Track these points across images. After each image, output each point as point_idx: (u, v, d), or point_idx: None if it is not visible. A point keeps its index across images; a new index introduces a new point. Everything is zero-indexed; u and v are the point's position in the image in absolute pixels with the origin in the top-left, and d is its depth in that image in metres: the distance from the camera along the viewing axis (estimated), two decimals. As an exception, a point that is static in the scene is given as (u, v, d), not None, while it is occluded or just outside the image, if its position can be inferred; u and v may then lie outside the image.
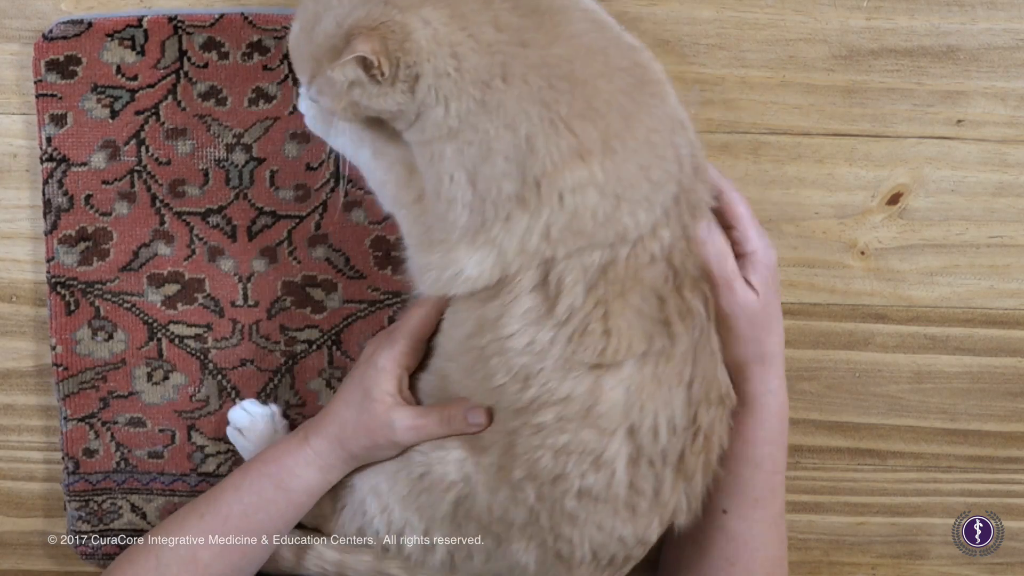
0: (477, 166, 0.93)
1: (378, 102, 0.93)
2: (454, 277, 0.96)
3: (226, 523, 1.06)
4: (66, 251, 1.14)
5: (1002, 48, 1.12)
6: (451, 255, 0.96)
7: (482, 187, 0.93)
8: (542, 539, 1.00)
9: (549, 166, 0.92)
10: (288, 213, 1.14)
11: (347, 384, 1.07)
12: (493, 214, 0.93)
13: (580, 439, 0.96)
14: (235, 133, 1.13)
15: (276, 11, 1.10)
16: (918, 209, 1.16)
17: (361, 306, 1.16)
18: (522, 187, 0.92)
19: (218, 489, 1.09)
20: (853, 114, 1.13)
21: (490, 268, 0.95)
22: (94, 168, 1.13)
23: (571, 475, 0.97)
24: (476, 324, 0.98)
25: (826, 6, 1.11)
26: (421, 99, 0.92)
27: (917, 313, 1.19)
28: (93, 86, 1.11)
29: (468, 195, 0.94)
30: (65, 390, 1.17)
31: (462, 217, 0.94)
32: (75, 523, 1.21)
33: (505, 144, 0.92)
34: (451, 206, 0.94)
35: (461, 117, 0.92)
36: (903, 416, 1.22)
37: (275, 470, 1.06)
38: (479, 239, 0.94)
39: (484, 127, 0.92)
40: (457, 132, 0.92)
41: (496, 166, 0.92)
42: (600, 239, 0.94)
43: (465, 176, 0.93)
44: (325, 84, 0.94)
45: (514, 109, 0.91)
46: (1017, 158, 1.15)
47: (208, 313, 1.16)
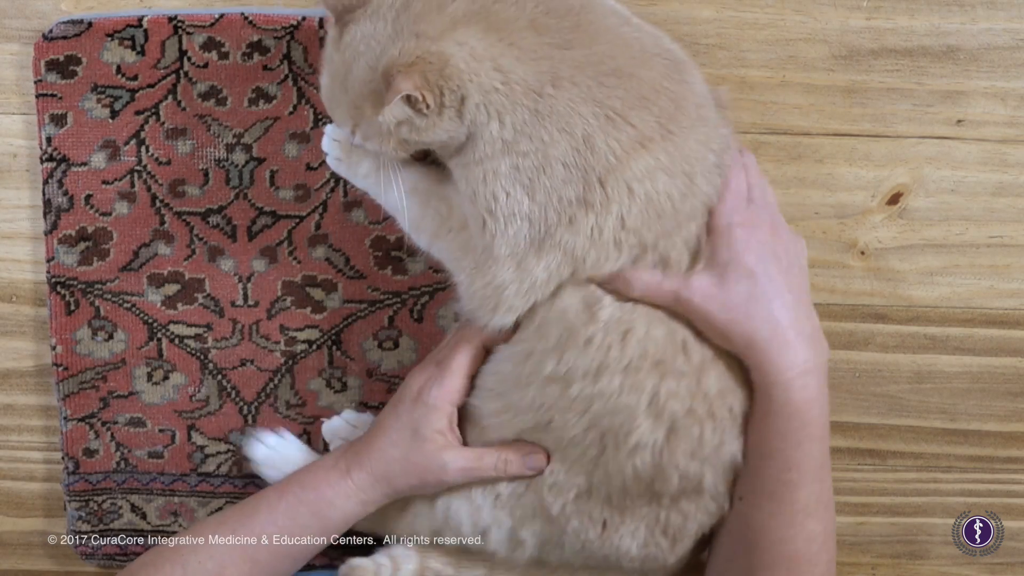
0: (535, 177, 0.92)
1: (427, 135, 0.92)
2: (532, 286, 0.95)
3: (258, 543, 1.04)
4: (66, 251, 1.14)
5: (1002, 48, 1.12)
6: (523, 266, 0.95)
7: (541, 198, 0.93)
8: (655, 518, 1.00)
9: (613, 161, 0.92)
10: (288, 213, 1.14)
11: (391, 420, 1.04)
12: (556, 220, 0.93)
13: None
14: (235, 133, 1.13)
15: (276, 11, 1.10)
16: (918, 209, 1.16)
17: (361, 306, 1.16)
18: (584, 190, 0.92)
19: (251, 506, 1.06)
20: (853, 114, 1.13)
21: (556, 267, 0.95)
22: (94, 168, 1.13)
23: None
24: (557, 341, 0.96)
25: (826, 6, 1.11)
26: (471, 120, 0.92)
27: (917, 313, 1.19)
28: (93, 86, 1.11)
29: (525, 207, 0.93)
30: (65, 390, 1.17)
31: (522, 230, 0.94)
32: (75, 523, 1.21)
33: (562, 149, 0.92)
34: (509, 222, 0.94)
35: (516, 128, 0.92)
36: (903, 416, 1.22)
37: (313, 498, 1.04)
38: (545, 246, 0.94)
39: (539, 135, 0.92)
40: (512, 145, 0.92)
41: (555, 174, 0.92)
42: (687, 212, 0.95)
43: (521, 190, 0.93)
44: (371, 129, 0.94)
45: (568, 112, 0.91)
46: (1017, 158, 1.15)
47: (208, 313, 1.16)
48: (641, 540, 1.01)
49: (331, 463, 1.06)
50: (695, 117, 0.95)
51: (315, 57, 1.10)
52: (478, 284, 0.97)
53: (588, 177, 0.92)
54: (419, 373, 1.05)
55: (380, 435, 1.04)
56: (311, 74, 1.11)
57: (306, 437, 1.19)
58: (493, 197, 0.94)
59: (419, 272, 1.15)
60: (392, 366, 1.17)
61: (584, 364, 0.95)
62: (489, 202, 0.94)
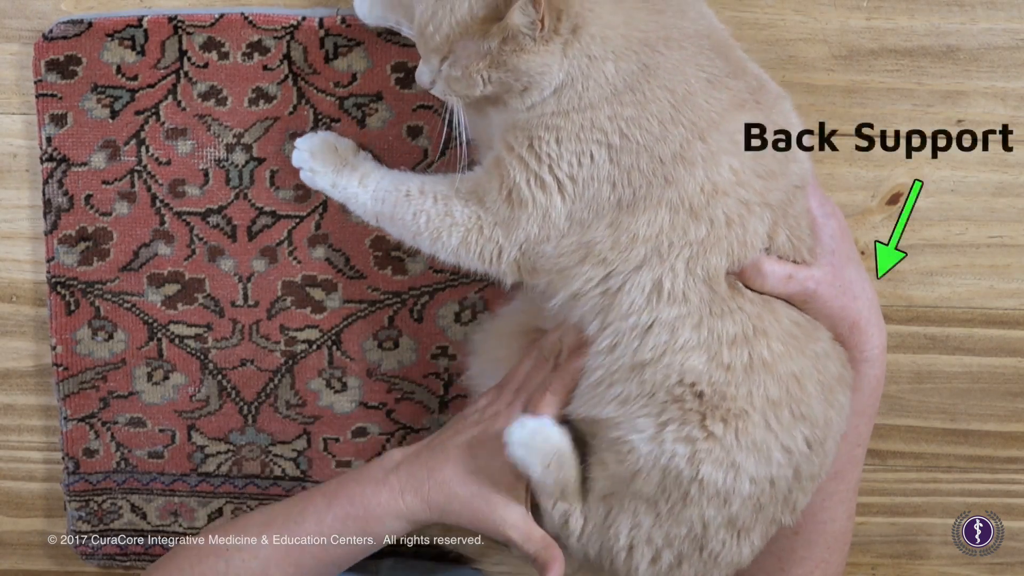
0: (629, 132, 0.93)
1: (528, 60, 0.92)
2: (631, 241, 0.95)
3: (304, 551, 1.03)
4: (66, 251, 1.14)
5: (1002, 48, 1.12)
6: (622, 221, 0.95)
7: (627, 160, 0.94)
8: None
9: (714, 117, 0.94)
10: (288, 213, 1.14)
11: (464, 456, 1.01)
12: (646, 181, 0.94)
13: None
14: (235, 133, 1.13)
15: (276, 11, 1.10)
16: (918, 209, 1.16)
17: (361, 306, 1.16)
18: (682, 147, 0.93)
19: (298, 510, 1.04)
20: (853, 114, 1.13)
21: (668, 225, 0.94)
22: (94, 168, 1.13)
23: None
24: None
25: (826, 6, 1.11)
26: (575, 59, 0.93)
27: (917, 313, 1.19)
28: (93, 86, 1.11)
29: (605, 170, 0.94)
30: (65, 390, 1.17)
31: (603, 193, 0.95)
32: (75, 523, 1.21)
33: (662, 106, 0.93)
34: (588, 185, 0.95)
35: (624, 77, 0.93)
36: (903, 416, 1.22)
37: (362, 515, 1.02)
38: (639, 207, 0.94)
39: (642, 89, 0.93)
40: (618, 94, 0.93)
41: (651, 130, 0.93)
42: (791, 176, 0.98)
43: (605, 152, 0.94)
44: (467, 51, 0.94)
45: (673, 71, 0.94)
46: (1017, 158, 1.15)
47: (208, 313, 1.16)
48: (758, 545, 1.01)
49: (380, 478, 1.02)
50: (776, 94, 0.99)
51: (315, 57, 1.10)
52: (563, 246, 0.97)
53: (687, 134, 0.93)
54: (504, 418, 1.01)
55: (447, 467, 1.01)
56: (311, 74, 1.11)
57: (306, 437, 1.19)
58: (576, 158, 0.95)
59: (419, 272, 1.15)
60: (392, 366, 1.17)
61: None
62: (569, 168, 0.95)
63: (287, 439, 1.19)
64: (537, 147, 0.96)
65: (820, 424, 0.97)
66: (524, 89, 0.94)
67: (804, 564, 1.07)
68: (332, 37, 1.10)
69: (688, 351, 0.95)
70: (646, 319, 0.95)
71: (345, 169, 1.04)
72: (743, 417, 0.95)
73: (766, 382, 0.95)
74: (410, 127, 1.12)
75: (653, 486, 0.96)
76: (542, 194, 0.96)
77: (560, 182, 0.95)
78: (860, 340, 1.02)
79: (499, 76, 0.94)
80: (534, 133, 0.96)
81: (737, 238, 0.95)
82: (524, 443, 0.97)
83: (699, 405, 0.95)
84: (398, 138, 1.12)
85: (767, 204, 0.96)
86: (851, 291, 1.01)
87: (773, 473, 0.96)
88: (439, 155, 1.12)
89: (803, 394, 0.96)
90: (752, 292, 0.97)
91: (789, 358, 0.96)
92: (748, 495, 0.96)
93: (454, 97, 0.97)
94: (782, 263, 0.97)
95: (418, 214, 1.01)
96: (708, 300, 0.95)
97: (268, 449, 1.19)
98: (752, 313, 0.96)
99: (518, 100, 0.95)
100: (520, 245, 0.98)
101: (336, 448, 1.19)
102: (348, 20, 1.09)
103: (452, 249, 1.01)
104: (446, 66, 0.95)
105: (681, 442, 0.95)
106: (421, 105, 1.11)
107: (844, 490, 1.06)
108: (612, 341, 0.96)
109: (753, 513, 0.97)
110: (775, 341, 0.96)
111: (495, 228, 0.99)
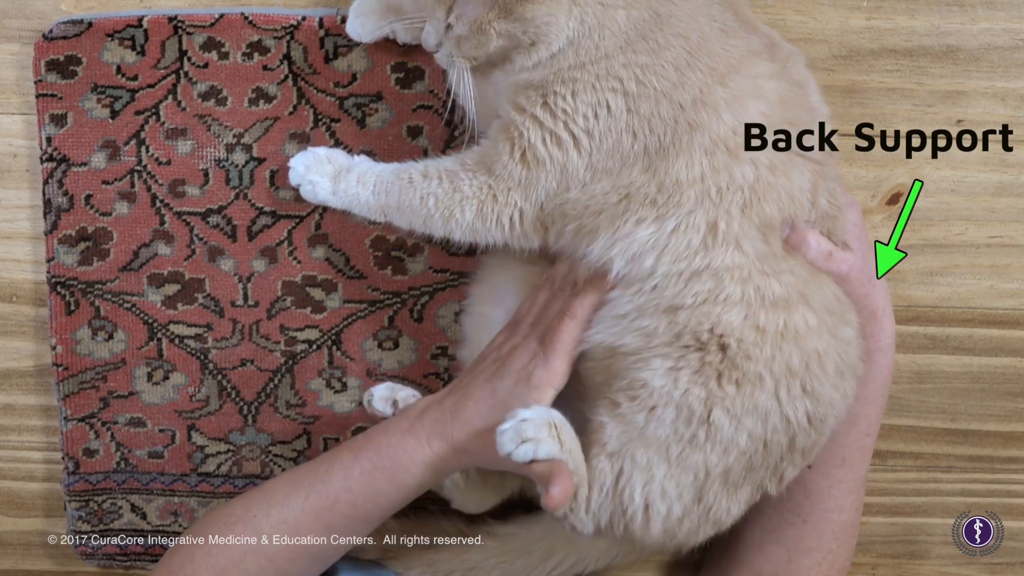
0: (646, 80, 0.93)
1: (531, 8, 0.92)
2: (676, 184, 0.94)
3: (333, 509, 1.02)
4: (66, 251, 1.14)
5: (1002, 48, 1.12)
6: (657, 166, 0.94)
7: (645, 107, 0.94)
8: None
9: (733, 62, 0.94)
10: (288, 213, 1.14)
11: (484, 392, 1.00)
12: (668, 130, 0.94)
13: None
14: (235, 133, 1.13)
15: (276, 11, 1.10)
16: (918, 209, 1.16)
17: (361, 306, 1.16)
18: (701, 91, 0.93)
19: (324, 468, 1.03)
20: (853, 114, 1.13)
21: (709, 167, 0.94)
22: (94, 168, 1.13)
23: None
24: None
25: (826, 6, 1.11)
26: (586, 5, 0.93)
27: (917, 313, 1.19)
28: (93, 86, 1.11)
29: (623, 120, 0.94)
30: (65, 390, 1.17)
31: (623, 142, 0.95)
32: (75, 523, 1.21)
33: (677, 53, 0.93)
34: (606, 137, 0.95)
35: (636, 26, 0.93)
36: (903, 416, 1.22)
37: (389, 465, 1.01)
38: (670, 152, 0.94)
39: (655, 37, 0.93)
40: (631, 43, 0.93)
41: (668, 76, 0.93)
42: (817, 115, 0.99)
43: (622, 100, 0.94)
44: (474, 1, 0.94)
45: (686, 19, 0.94)
46: (1017, 158, 1.15)
47: (208, 313, 1.16)
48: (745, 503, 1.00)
49: (406, 427, 1.02)
50: (789, 50, 1.00)
51: (315, 57, 1.10)
52: (595, 190, 0.96)
53: (706, 79, 0.93)
54: (522, 349, 1.01)
55: (468, 405, 1.00)
56: (311, 74, 1.11)
57: (306, 437, 1.19)
58: (592, 111, 0.94)
59: (419, 272, 1.15)
60: (392, 366, 1.17)
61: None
62: (587, 115, 0.95)
63: (287, 439, 1.19)
64: (552, 103, 0.95)
65: (824, 403, 0.97)
66: (532, 43, 0.94)
67: (812, 555, 1.07)
68: (332, 37, 1.10)
69: (729, 305, 0.94)
70: (699, 263, 0.95)
71: (341, 174, 1.05)
72: (757, 383, 0.94)
73: (792, 352, 0.95)
74: (410, 127, 1.12)
75: (667, 426, 0.95)
76: (558, 151, 0.96)
77: (576, 137, 0.95)
78: (876, 329, 1.03)
79: (507, 27, 0.94)
80: (549, 89, 0.96)
81: (784, 189, 0.95)
82: (516, 429, 0.95)
83: (719, 360, 0.94)
84: (398, 138, 1.12)
85: (804, 157, 0.96)
86: (872, 279, 1.03)
87: (768, 436, 0.96)
88: (445, 146, 1.12)
89: (821, 372, 0.96)
90: (802, 259, 0.97)
91: (818, 335, 0.96)
92: (743, 450, 0.95)
93: (461, 60, 0.97)
94: (826, 240, 0.98)
95: (425, 197, 1.01)
96: (762, 255, 0.95)
97: (268, 449, 1.19)
98: (801, 276, 0.96)
99: (525, 56, 0.95)
100: (541, 203, 0.98)
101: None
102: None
103: (467, 224, 1.00)
104: (453, 18, 0.95)
105: (696, 385, 0.94)
106: (421, 105, 1.11)
107: (852, 479, 1.06)
108: (656, 283, 0.96)
109: (744, 472, 0.97)
110: (812, 313, 0.96)
111: (509, 193, 0.99)
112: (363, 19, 1.06)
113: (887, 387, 1.07)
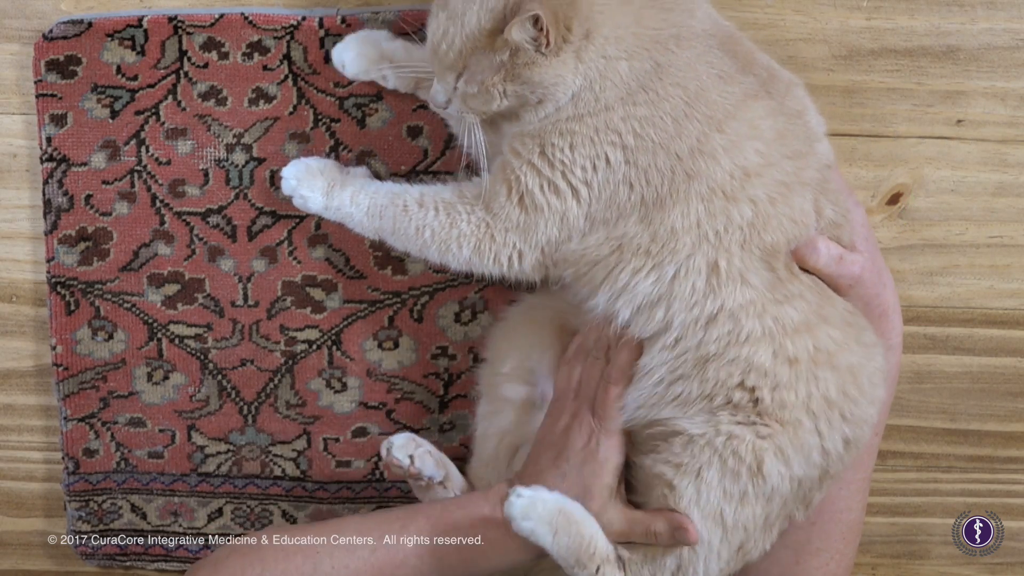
0: (643, 132, 0.94)
1: (539, 72, 0.93)
2: (671, 232, 0.95)
3: (404, 564, 1.02)
4: (66, 251, 1.14)
5: (1002, 48, 1.12)
6: (653, 216, 0.95)
7: (643, 159, 0.94)
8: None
9: (729, 108, 0.95)
10: (288, 213, 1.14)
11: (554, 477, 1.00)
12: (665, 181, 0.94)
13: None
14: (235, 133, 1.13)
15: (276, 11, 1.10)
16: (918, 209, 1.16)
17: (361, 306, 1.16)
18: (699, 141, 0.94)
19: (398, 527, 1.02)
20: (853, 114, 1.13)
21: (704, 215, 0.95)
22: (94, 168, 1.13)
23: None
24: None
25: (826, 6, 1.11)
26: (590, 63, 0.93)
27: (917, 313, 1.19)
28: (93, 86, 1.11)
29: (621, 172, 0.95)
30: (65, 390, 1.17)
31: (620, 194, 0.95)
32: (75, 523, 1.21)
33: (674, 104, 0.94)
34: (604, 188, 0.96)
35: (638, 77, 0.94)
36: (903, 416, 1.22)
37: (466, 545, 1.01)
38: (666, 204, 0.95)
39: (654, 88, 0.94)
40: (632, 94, 0.94)
41: (665, 128, 0.94)
42: (817, 156, 0.99)
43: (620, 154, 0.94)
44: (481, 65, 0.94)
45: (685, 68, 0.94)
46: (1017, 158, 1.15)
47: (208, 313, 1.16)
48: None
49: (488, 512, 1.02)
50: (787, 82, 1.00)
51: (315, 57, 1.10)
52: (596, 239, 0.97)
53: (703, 128, 0.94)
54: (577, 426, 1.01)
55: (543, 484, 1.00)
56: (311, 74, 1.11)
57: (306, 437, 1.19)
58: (590, 163, 0.95)
59: (419, 272, 1.15)
60: (392, 366, 1.17)
61: None
62: (582, 173, 0.95)
63: (287, 439, 1.19)
64: (550, 153, 0.96)
65: (860, 422, 0.98)
66: (539, 102, 0.95)
67: (820, 555, 1.08)
68: (332, 37, 1.10)
69: (754, 343, 0.95)
70: (711, 307, 0.95)
71: (335, 190, 1.04)
72: (797, 426, 0.96)
73: (828, 380, 0.96)
74: (410, 127, 1.12)
75: (715, 487, 0.96)
76: (556, 199, 0.97)
77: (574, 188, 0.96)
78: (887, 328, 1.04)
79: (514, 89, 0.94)
80: (546, 140, 0.96)
81: (786, 215, 0.96)
82: (525, 515, 0.97)
83: (752, 411, 0.95)
84: (398, 138, 1.12)
85: (804, 183, 0.97)
86: (882, 278, 1.03)
87: (806, 474, 0.97)
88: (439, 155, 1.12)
89: (857, 391, 0.97)
90: (808, 277, 0.97)
91: (848, 349, 0.97)
92: (784, 494, 0.97)
93: (470, 115, 0.97)
94: (835, 244, 0.98)
95: (421, 228, 1.01)
96: (770, 284, 0.95)
97: (268, 449, 1.19)
98: (812, 300, 0.97)
99: (532, 113, 0.96)
100: (541, 247, 0.99)
101: (336, 448, 1.19)
102: (348, 20, 1.09)
103: (464, 259, 1.01)
104: (462, 83, 0.96)
105: (738, 441, 0.95)
106: (421, 105, 1.11)
107: (860, 479, 1.08)
108: (676, 335, 0.96)
109: (779, 511, 0.98)
110: (834, 328, 0.97)
111: (507, 234, 0.99)
112: (355, 56, 1.06)
113: (895, 385, 1.07)
